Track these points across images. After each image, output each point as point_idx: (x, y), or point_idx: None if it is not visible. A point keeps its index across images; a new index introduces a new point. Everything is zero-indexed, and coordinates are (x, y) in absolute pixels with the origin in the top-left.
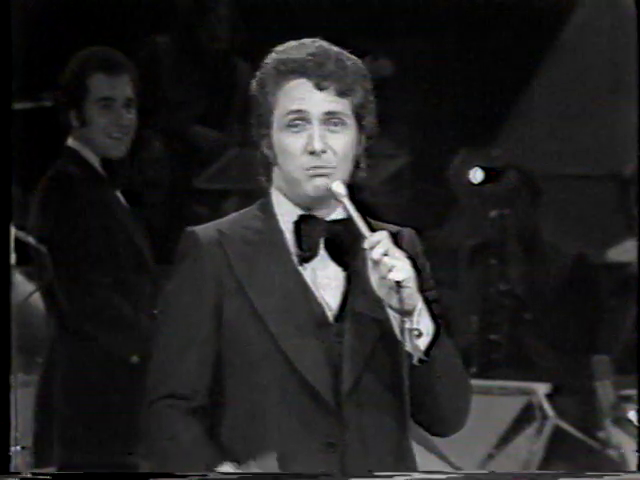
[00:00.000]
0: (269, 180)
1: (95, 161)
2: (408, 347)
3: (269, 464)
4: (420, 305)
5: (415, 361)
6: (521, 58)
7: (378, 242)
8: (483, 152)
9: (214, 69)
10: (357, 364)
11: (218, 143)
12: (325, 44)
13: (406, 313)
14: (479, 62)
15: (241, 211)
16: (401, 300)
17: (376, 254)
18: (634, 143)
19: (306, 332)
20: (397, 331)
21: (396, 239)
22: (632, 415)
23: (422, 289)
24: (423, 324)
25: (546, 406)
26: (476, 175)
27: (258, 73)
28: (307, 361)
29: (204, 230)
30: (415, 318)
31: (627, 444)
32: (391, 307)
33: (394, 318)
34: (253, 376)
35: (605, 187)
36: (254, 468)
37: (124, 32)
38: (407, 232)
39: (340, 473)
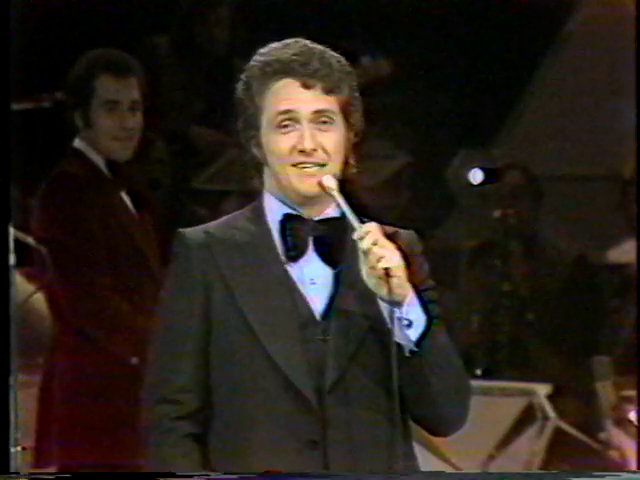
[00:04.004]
0: (262, 182)
1: (100, 162)
2: (398, 338)
3: None
4: (410, 296)
5: (406, 352)
6: (520, 58)
7: (367, 233)
8: (483, 152)
9: (213, 70)
10: (341, 362)
11: (217, 144)
12: (308, 43)
13: (396, 303)
14: (478, 62)
15: (233, 213)
16: (390, 290)
17: (365, 244)
18: (633, 143)
19: (291, 330)
20: (388, 323)
21: (393, 240)
22: (632, 416)
23: (414, 283)
24: (414, 314)
25: (547, 407)
26: (475, 176)
27: (242, 76)
28: (289, 359)
29: (193, 232)
30: (405, 308)
31: (627, 444)
32: (381, 298)
33: (385, 309)
34: (238, 376)
35: (605, 187)
36: None
37: (123, 33)
38: (405, 233)
39: (323, 470)
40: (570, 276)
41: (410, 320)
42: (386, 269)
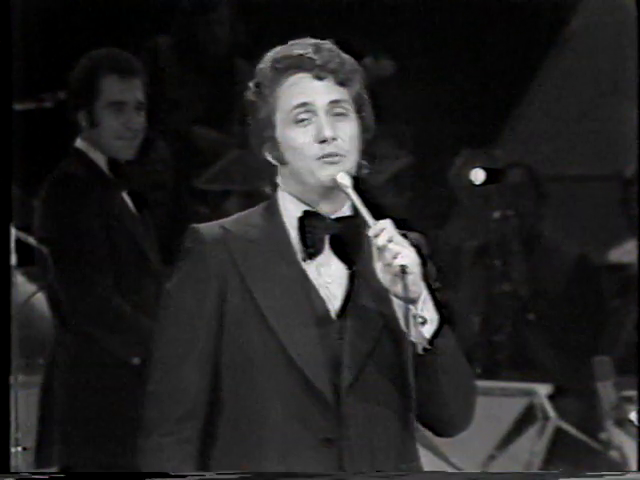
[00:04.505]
0: (274, 187)
1: (102, 162)
2: (412, 336)
3: None
4: (425, 293)
5: (420, 350)
6: (523, 59)
7: (383, 229)
8: (484, 153)
9: (215, 70)
10: (358, 360)
11: (219, 144)
12: (315, 40)
13: (411, 300)
14: (481, 63)
15: (247, 210)
16: (406, 287)
17: (381, 241)
18: (635, 144)
19: (307, 328)
20: (401, 321)
21: None
22: (633, 416)
23: (427, 280)
24: (428, 312)
25: (548, 407)
26: (477, 176)
27: (252, 81)
28: (306, 356)
29: (208, 227)
30: (420, 305)
31: (628, 445)
32: (396, 295)
33: (399, 307)
34: (253, 373)
35: (606, 188)
36: None
37: (125, 33)
38: (412, 235)
39: (338, 469)
40: (571, 276)
41: (425, 318)
42: (402, 266)
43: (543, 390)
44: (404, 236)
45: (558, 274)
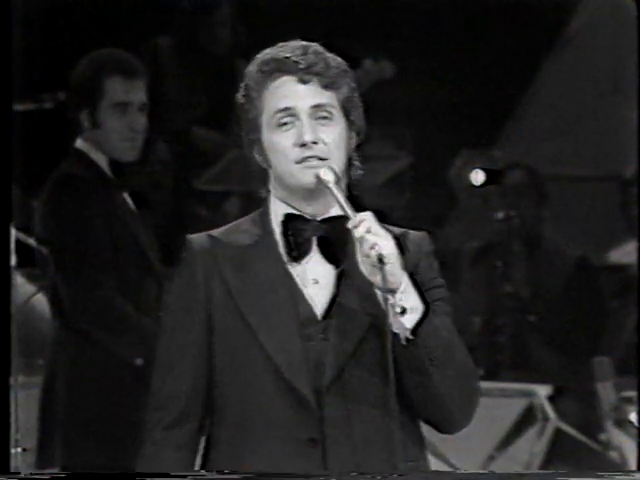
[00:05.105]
0: (267, 190)
1: (104, 163)
2: (394, 326)
3: None
4: (405, 283)
5: (403, 340)
6: (523, 59)
7: (362, 221)
8: (484, 153)
9: (215, 71)
10: (340, 359)
11: (219, 145)
12: (304, 42)
13: (390, 291)
14: (480, 63)
15: (242, 218)
16: (384, 277)
17: (359, 232)
18: (634, 144)
19: (291, 330)
20: (385, 310)
21: (402, 240)
22: (633, 417)
23: (409, 269)
24: (409, 302)
25: (547, 408)
26: (477, 176)
27: (242, 83)
28: (288, 358)
29: (198, 237)
30: (399, 295)
31: (628, 445)
32: (376, 286)
33: (381, 298)
34: (241, 378)
35: (606, 188)
36: None
37: (125, 33)
38: (415, 233)
39: (323, 469)
40: (571, 277)
41: (404, 307)
42: (379, 255)
43: (543, 391)
44: (405, 234)
45: (558, 275)
